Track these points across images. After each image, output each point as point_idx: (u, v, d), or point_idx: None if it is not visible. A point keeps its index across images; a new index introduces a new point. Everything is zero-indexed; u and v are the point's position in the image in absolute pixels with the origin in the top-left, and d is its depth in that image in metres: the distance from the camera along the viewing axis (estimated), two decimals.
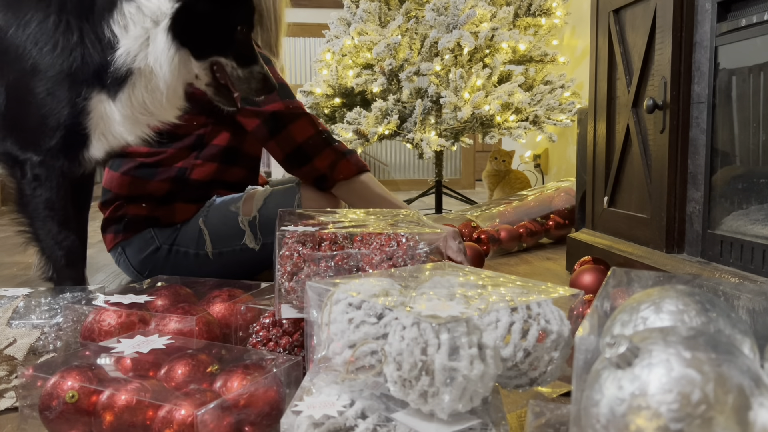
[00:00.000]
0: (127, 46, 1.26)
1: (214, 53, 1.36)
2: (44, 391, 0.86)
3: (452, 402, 0.68)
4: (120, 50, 1.26)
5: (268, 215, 1.78)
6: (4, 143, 1.35)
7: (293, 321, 1.07)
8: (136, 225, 1.80)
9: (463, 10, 3.01)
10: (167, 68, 1.29)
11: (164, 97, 1.35)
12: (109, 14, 1.27)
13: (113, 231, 1.84)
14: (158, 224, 1.80)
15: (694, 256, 1.48)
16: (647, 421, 0.52)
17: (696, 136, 1.48)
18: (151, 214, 1.80)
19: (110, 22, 1.27)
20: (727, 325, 0.69)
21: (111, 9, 1.27)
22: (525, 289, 0.86)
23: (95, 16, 1.28)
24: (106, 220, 1.85)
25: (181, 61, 1.32)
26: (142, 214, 1.80)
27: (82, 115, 1.31)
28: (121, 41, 1.26)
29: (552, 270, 2.13)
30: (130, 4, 1.26)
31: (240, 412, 0.83)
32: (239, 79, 1.39)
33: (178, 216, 1.81)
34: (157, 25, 1.27)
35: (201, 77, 1.39)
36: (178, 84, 1.37)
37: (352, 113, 3.08)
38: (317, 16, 5.52)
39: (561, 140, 3.92)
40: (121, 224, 1.81)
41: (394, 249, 1.04)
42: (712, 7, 1.41)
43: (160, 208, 1.80)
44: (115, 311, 1.11)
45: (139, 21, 1.26)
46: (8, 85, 1.31)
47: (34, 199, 1.35)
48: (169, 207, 1.80)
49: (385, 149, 6.07)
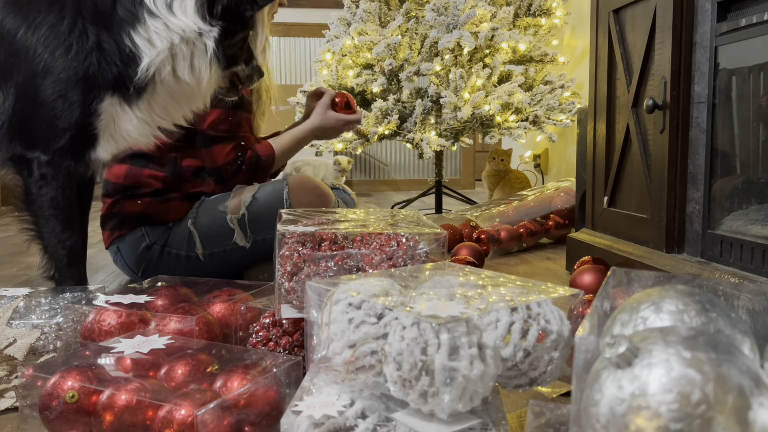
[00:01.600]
0: (151, 58, 1.31)
1: (237, 64, 1.47)
2: (44, 391, 0.86)
3: (452, 402, 0.68)
4: (144, 62, 1.31)
5: (256, 212, 1.79)
6: (12, 143, 1.36)
7: (293, 321, 1.07)
8: (131, 222, 1.81)
9: (463, 10, 3.01)
10: (206, 83, 1.39)
11: (191, 102, 1.44)
12: (131, 26, 1.30)
13: (110, 228, 1.85)
14: (151, 222, 1.81)
15: (694, 256, 1.48)
16: (647, 421, 0.52)
17: (696, 136, 1.48)
18: (144, 210, 1.81)
19: (132, 34, 1.30)
20: (727, 325, 0.69)
21: (134, 22, 1.30)
22: (525, 289, 0.86)
23: (115, 26, 1.31)
24: (104, 217, 1.87)
25: (216, 75, 1.41)
26: (136, 211, 1.81)
27: (92, 117, 1.34)
28: (144, 53, 1.31)
29: (552, 270, 2.13)
30: (156, 20, 1.30)
31: (240, 412, 0.83)
32: (246, 77, 1.52)
33: (171, 214, 1.82)
34: (188, 42, 1.33)
35: (222, 85, 1.50)
36: (209, 94, 1.47)
37: None
38: (317, 16, 5.52)
39: (561, 140, 3.92)
40: (117, 221, 1.83)
41: (394, 249, 1.04)
42: (712, 7, 1.41)
43: (155, 205, 1.80)
44: (115, 311, 1.11)
45: (165, 36, 1.31)
46: (18, 86, 1.33)
47: (39, 198, 1.37)
48: (164, 205, 1.81)
49: (385, 149, 6.07)
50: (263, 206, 1.80)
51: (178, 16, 1.30)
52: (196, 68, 1.35)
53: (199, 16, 1.31)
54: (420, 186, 5.60)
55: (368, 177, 6.07)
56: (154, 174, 1.81)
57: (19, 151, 1.36)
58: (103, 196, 1.88)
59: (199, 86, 1.38)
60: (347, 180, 5.84)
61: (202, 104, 1.48)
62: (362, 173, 6.06)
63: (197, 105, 1.47)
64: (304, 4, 5.57)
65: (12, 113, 1.34)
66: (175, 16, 1.30)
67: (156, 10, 1.29)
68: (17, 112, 1.34)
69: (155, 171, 1.81)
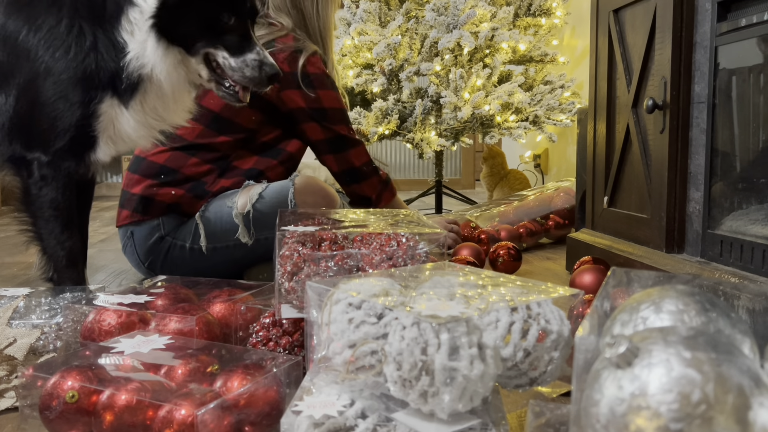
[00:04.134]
0: (135, 51, 1.28)
1: (204, 45, 1.34)
2: (44, 391, 0.86)
3: (452, 402, 0.68)
4: (129, 55, 1.28)
5: (262, 210, 1.79)
6: (12, 144, 1.36)
7: (293, 321, 1.07)
8: (157, 210, 1.79)
9: (463, 10, 3.01)
10: (162, 68, 1.30)
11: (171, 100, 1.37)
12: (117, 20, 1.29)
13: (131, 208, 1.81)
14: (173, 214, 1.80)
15: (694, 256, 1.48)
16: (647, 421, 0.52)
17: (696, 136, 1.48)
18: (177, 201, 1.79)
19: (119, 28, 1.29)
20: (727, 325, 0.69)
21: (119, 15, 1.29)
22: (525, 289, 0.86)
23: (107, 22, 1.30)
24: (131, 195, 1.82)
25: (176, 60, 1.33)
26: (166, 201, 1.79)
27: (92, 118, 1.34)
28: (129, 46, 1.28)
29: (552, 270, 2.13)
30: (134, 8, 1.28)
31: (240, 412, 0.83)
32: (232, 68, 1.36)
33: (193, 211, 1.82)
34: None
35: (202, 74, 1.38)
36: (181, 84, 1.37)
37: (352, 113, 3.08)
38: None
39: (561, 140, 3.92)
40: (143, 205, 1.80)
41: (394, 249, 1.04)
42: (712, 7, 1.41)
43: (187, 198, 1.80)
44: (115, 311, 1.11)
45: (143, 25, 1.27)
46: (19, 87, 1.33)
47: (39, 199, 1.37)
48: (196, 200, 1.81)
49: (385, 149, 6.07)
50: (269, 205, 1.80)
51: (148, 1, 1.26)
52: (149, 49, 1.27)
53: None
54: (420, 186, 5.60)
55: None
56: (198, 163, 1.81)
57: (19, 151, 1.37)
58: (132, 172, 1.85)
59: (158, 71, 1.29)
60: None
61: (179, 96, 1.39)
62: None
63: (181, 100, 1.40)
64: None
65: (13, 114, 1.34)
66: (146, 1, 1.26)
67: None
68: (18, 113, 1.34)
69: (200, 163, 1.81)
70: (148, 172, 1.81)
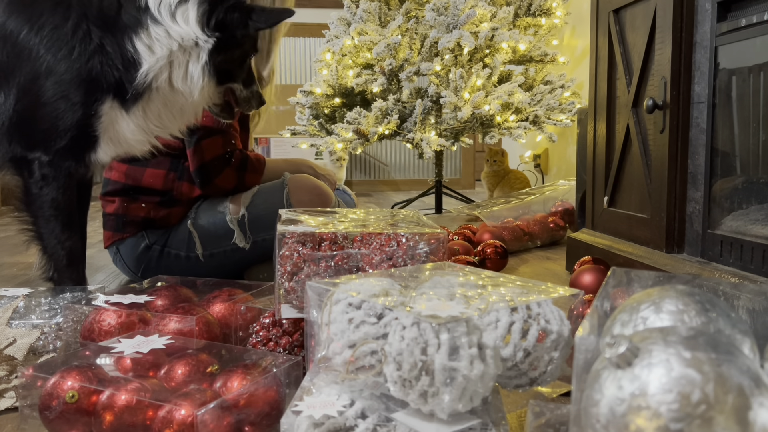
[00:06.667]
0: (150, 65, 1.32)
1: (233, 81, 1.48)
2: (44, 391, 0.86)
3: (452, 402, 0.68)
4: (143, 68, 1.32)
5: (256, 213, 1.79)
6: (12, 143, 1.36)
7: (293, 321, 1.07)
8: (133, 226, 1.80)
9: (463, 10, 3.01)
10: (198, 94, 1.39)
11: (183, 114, 1.45)
12: (134, 32, 1.31)
13: (111, 228, 1.84)
14: (153, 225, 1.81)
15: (694, 256, 1.48)
16: (647, 421, 0.52)
17: (696, 136, 1.48)
18: (148, 215, 1.80)
19: (135, 39, 1.31)
20: (727, 325, 0.69)
21: (137, 28, 1.31)
22: (525, 289, 0.86)
23: (119, 31, 1.32)
24: (108, 216, 1.85)
25: (209, 87, 1.41)
26: (140, 215, 1.80)
27: (94, 119, 1.35)
28: (144, 59, 1.32)
29: (552, 270, 2.13)
30: (159, 26, 1.31)
31: (240, 412, 0.83)
32: (244, 99, 1.53)
33: (172, 219, 1.82)
34: (185, 50, 1.34)
35: (216, 100, 1.50)
36: (200, 106, 1.48)
37: (352, 113, 3.08)
38: (317, 16, 5.51)
39: (561, 140, 3.92)
40: (119, 223, 1.82)
41: (394, 249, 1.04)
42: (712, 7, 1.41)
43: (158, 210, 1.80)
44: (115, 311, 1.11)
45: (165, 44, 1.32)
46: (20, 86, 1.33)
47: (39, 198, 1.37)
48: (167, 210, 1.80)
49: (385, 149, 6.07)
50: (263, 207, 1.80)
51: (180, 24, 1.32)
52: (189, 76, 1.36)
53: (199, 25, 1.33)
54: (420, 186, 5.60)
55: (368, 177, 6.07)
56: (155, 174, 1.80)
57: (19, 151, 1.37)
58: (103, 195, 1.87)
59: (191, 95, 1.38)
60: (347, 180, 5.84)
61: (194, 116, 1.49)
62: (362, 173, 6.06)
63: (189, 117, 1.48)
64: (305, 4, 5.56)
65: (13, 113, 1.34)
66: (177, 24, 1.32)
67: (159, 17, 1.31)
68: (18, 113, 1.34)
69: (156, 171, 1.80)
70: (113, 190, 1.83)
